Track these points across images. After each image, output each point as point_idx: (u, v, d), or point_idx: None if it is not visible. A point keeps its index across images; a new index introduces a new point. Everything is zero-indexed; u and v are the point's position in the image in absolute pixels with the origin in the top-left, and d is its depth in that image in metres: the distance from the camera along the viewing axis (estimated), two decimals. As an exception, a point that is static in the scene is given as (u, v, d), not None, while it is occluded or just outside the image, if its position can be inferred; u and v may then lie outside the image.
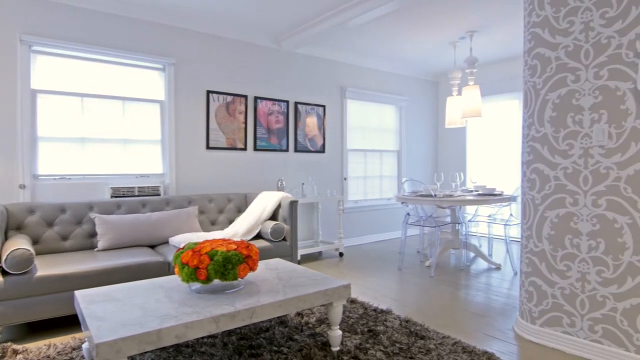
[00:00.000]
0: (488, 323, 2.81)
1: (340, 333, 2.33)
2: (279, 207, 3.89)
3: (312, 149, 5.18)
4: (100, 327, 1.69)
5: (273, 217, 3.96)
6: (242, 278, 2.11)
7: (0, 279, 2.44)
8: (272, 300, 2.03)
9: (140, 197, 3.75)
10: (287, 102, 4.93)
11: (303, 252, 4.54)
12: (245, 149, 4.60)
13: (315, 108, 5.22)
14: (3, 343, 2.42)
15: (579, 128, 2.34)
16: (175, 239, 3.34)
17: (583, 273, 2.32)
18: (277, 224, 3.64)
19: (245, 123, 4.58)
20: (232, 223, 4.03)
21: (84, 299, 2.03)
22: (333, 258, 4.84)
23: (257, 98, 4.67)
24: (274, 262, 2.84)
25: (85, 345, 2.12)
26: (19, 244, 2.55)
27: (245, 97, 4.57)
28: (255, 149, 4.68)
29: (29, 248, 2.53)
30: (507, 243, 4.33)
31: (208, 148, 4.33)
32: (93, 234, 3.33)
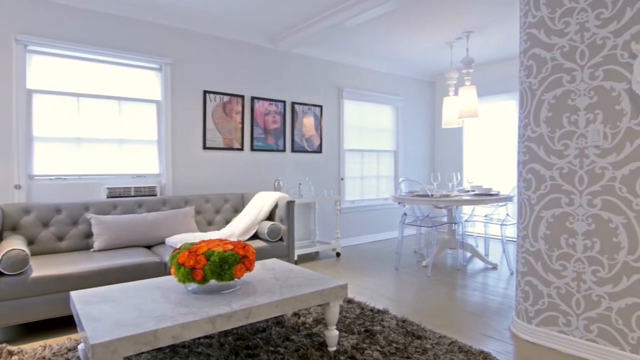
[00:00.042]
0: (484, 323, 2.82)
1: (337, 333, 2.34)
2: (276, 207, 3.89)
3: (309, 149, 5.18)
4: (96, 327, 1.69)
5: (270, 217, 3.96)
6: (238, 278, 2.11)
7: (-5, 280, 2.43)
8: (268, 301, 2.03)
9: (137, 197, 3.74)
10: (284, 102, 4.93)
11: (300, 252, 4.54)
12: (242, 149, 4.60)
13: (312, 108, 5.22)
14: (-2, 344, 2.40)
15: (575, 128, 2.35)
16: (172, 240, 3.33)
17: (578, 273, 2.33)
18: (274, 224, 3.64)
19: (242, 123, 4.58)
20: (228, 223, 4.02)
21: (80, 300, 2.02)
22: (330, 258, 4.85)
23: (254, 98, 4.66)
24: (271, 262, 2.83)
25: (81, 346, 2.11)
26: (14, 245, 2.54)
27: (242, 97, 4.57)
28: (252, 149, 4.68)
29: (24, 249, 2.52)
30: (503, 243, 4.34)
31: (205, 148, 4.32)
32: (89, 235, 3.31)
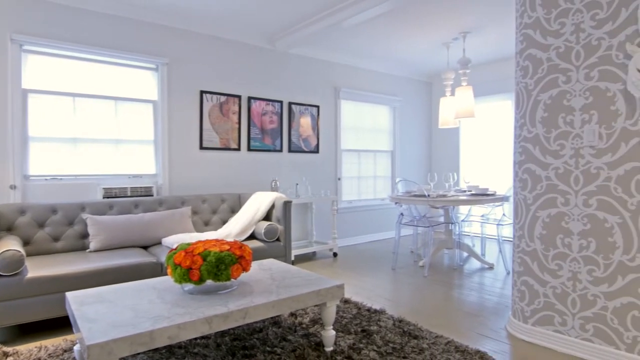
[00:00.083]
0: (481, 322, 2.83)
1: (334, 333, 2.34)
2: (273, 207, 3.89)
3: (306, 149, 5.18)
4: (92, 328, 1.68)
5: (267, 217, 3.96)
6: (235, 279, 2.11)
7: (-10, 281, 2.42)
8: (265, 301, 2.03)
9: (133, 197, 3.73)
10: (281, 102, 4.93)
11: (297, 252, 4.53)
12: (239, 149, 4.59)
13: (309, 108, 5.22)
14: (-7, 345, 2.39)
15: (570, 128, 2.36)
16: (168, 240, 3.32)
17: (574, 272, 2.34)
18: (270, 225, 3.63)
19: (239, 123, 4.57)
20: (225, 223, 4.01)
21: (76, 301, 2.01)
22: (327, 258, 4.85)
23: (250, 98, 4.66)
24: (268, 262, 2.83)
25: (77, 347, 2.11)
26: (10, 245, 2.53)
27: (239, 97, 4.56)
28: (249, 149, 4.67)
29: (20, 249, 2.51)
30: (499, 243, 4.35)
31: (201, 148, 4.31)
32: (85, 235, 3.30)
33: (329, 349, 2.32)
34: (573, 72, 2.34)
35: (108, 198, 3.64)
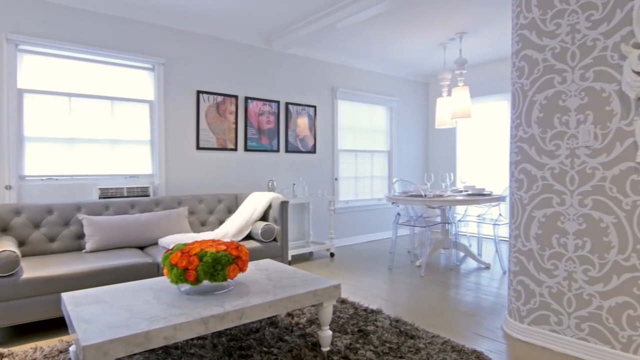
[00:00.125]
0: (477, 322, 2.83)
1: (331, 333, 2.34)
2: (270, 207, 3.88)
3: (303, 150, 5.18)
4: (87, 329, 1.67)
5: (264, 217, 3.95)
6: (231, 279, 2.10)
7: (-15, 282, 2.40)
8: (261, 301, 2.02)
9: (129, 197, 3.72)
10: (277, 102, 4.93)
11: (294, 252, 4.53)
12: (236, 150, 4.59)
13: (306, 108, 5.22)
14: (-12, 347, 2.38)
15: (566, 129, 2.37)
16: (165, 240, 3.31)
17: (570, 272, 2.35)
18: (267, 225, 3.63)
19: (236, 123, 4.57)
20: (222, 224, 4.01)
21: (71, 301, 2.00)
22: (324, 258, 4.85)
23: (247, 98, 4.65)
24: (264, 262, 2.83)
25: (72, 348, 2.10)
26: (5, 246, 2.52)
27: (236, 97, 4.56)
28: (246, 150, 4.67)
29: (15, 250, 2.49)
30: (496, 242, 4.37)
31: (198, 148, 4.31)
32: (81, 236, 3.29)
33: (326, 349, 2.32)
34: (568, 72, 2.35)
35: (104, 198, 3.63)
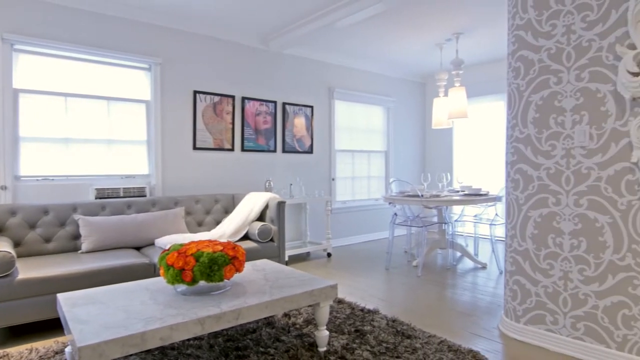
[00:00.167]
0: (474, 322, 2.84)
1: (327, 333, 2.34)
2: (267, 207, 3.88)
3: (300, 150, 5.18)
4: (83, 330, 1.67)
5: (261, 218, 3.95)
6: (228, 279, 2.10)
7: (-20, 283, 2.39)
8: (258, 302, 2.02)
9: (126, 198, 3.70)
10: (274, 102, 4.92)
11: (291, 252, 4.53)
12: (233, 150, 4.58)
13: (303, 109, 5.22)
14: (-17, 348, 2.37)
15: (561, 129, 2.38)
16: (161, 241, 3.30)
17: (565, 271, 2.36)
18: (264, 225, 3.63)
19: (233, 123, 4.56)
20: (219, 224, 4.00)
21: (67, 302, 2.00)
22: (321, 259, 4.85)
23: (244, 98, 4.65)
24: (261, 263, 2.83)
25: (68, 349, 2.09)
26: (0, 247, 2.50)
27: (233, 97, 4.55)
28: (243, 150, 4.66)
29: (10, 250, 2.48)
30: (492, 242, 4.38)
31: (195, 149, 4.30)
32: (77, 236, 3.27)
33: (323, 349, 2.32)
34: (564, 73, 2.36)
35: (100, 199, 3.61)
